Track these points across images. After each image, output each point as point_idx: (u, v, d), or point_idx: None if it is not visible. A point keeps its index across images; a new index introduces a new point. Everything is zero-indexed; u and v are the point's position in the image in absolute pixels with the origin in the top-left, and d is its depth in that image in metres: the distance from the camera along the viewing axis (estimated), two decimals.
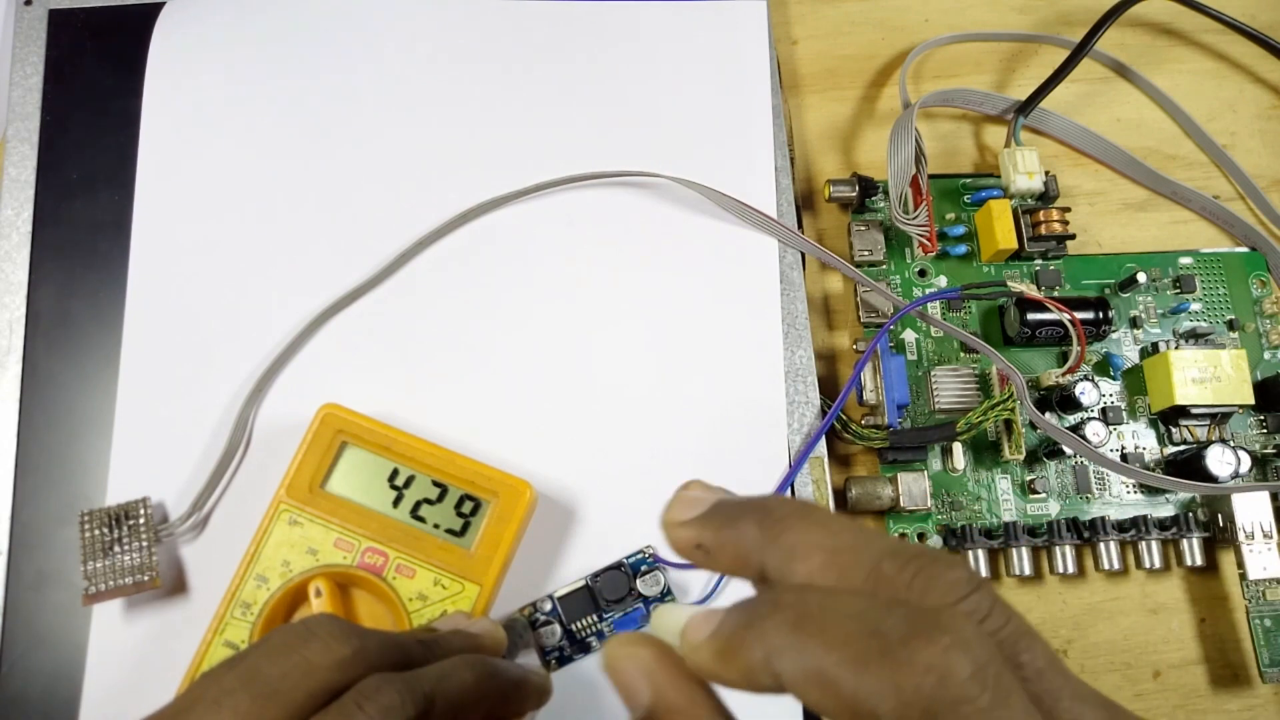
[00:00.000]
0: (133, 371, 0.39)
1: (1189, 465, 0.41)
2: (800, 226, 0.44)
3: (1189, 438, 0.42)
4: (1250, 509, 0.39)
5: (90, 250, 0.41)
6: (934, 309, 0.43)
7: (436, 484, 0.36)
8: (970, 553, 0.40)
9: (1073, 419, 0.42)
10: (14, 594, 0.36)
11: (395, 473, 0.36)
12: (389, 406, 0.38)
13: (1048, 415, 0.41)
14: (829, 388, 0.43)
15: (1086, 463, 0.42)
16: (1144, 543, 0.40)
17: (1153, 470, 0.42)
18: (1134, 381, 0.43)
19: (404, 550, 0.35)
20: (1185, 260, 0.45)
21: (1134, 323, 0.44)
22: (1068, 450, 0.41)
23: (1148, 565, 0.40)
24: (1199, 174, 0.48)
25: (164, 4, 0.44)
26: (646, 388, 0.40)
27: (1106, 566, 0.40)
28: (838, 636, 0.15)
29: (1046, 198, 0.45)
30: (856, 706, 0.15)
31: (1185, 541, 0.41)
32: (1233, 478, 0.40)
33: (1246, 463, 0.40)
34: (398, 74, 0.44)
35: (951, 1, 0.50)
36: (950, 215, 0.45)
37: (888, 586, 0.16)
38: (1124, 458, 0.42)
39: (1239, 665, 0.40)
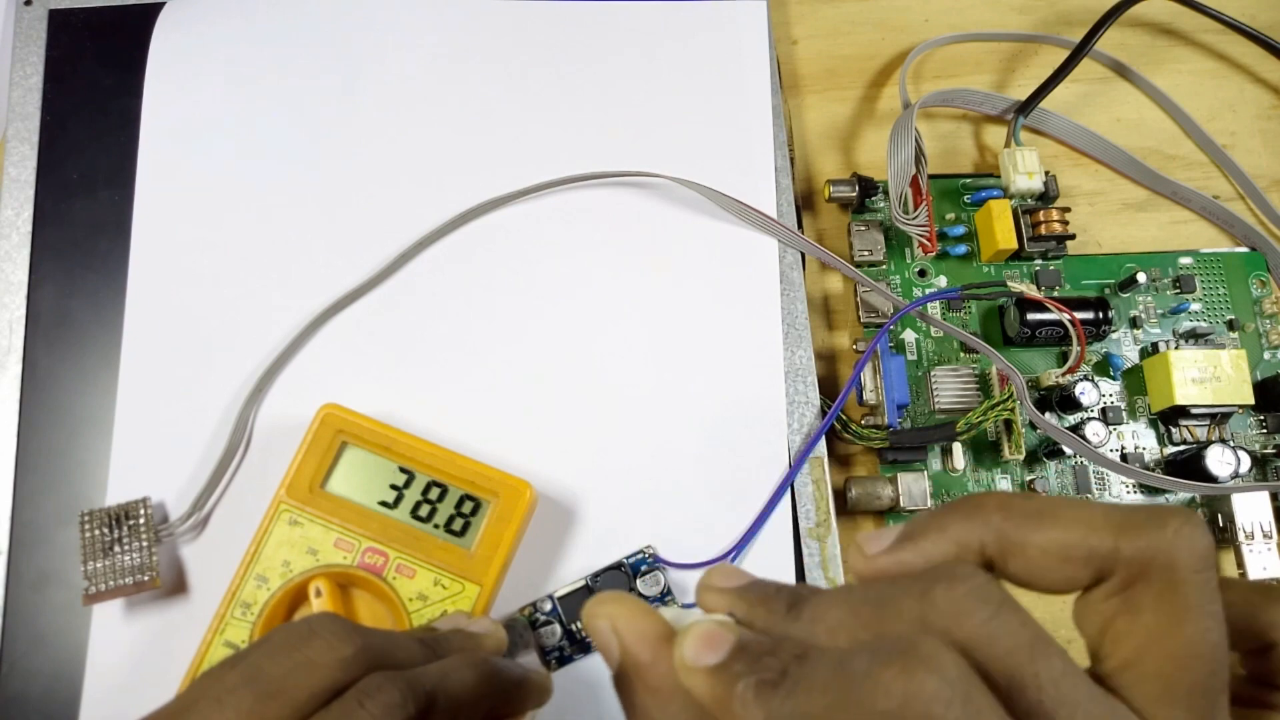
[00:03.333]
0: (133, 371, 0.39)
1: (1189, 465, 0.41)
2: (800, 226, 0.44)
3: (1189, 438, 0.42)
4: (1250, 509, 0.39)
5: (90, 250, 0.41)
6: (934, 309, 0.43)
7: (436, 484, 0.36)
8: None
9: (1073, 419, 0.42)
10: (14, 594, 0.36)
11: (395, 473, 0.36)
12: (389, 406, 0.38)
13: (1048, 415, 0.41)
14: (829, 388, 0.43)
15: (1086, 463, 0.42)
16: None
17: (1153, 470, 0.42)
18: (1134, 381, 0.43)
19: (404, 550, 0.35)
20: (1185, 260, 0.45)
21: (1134, 323, 0.44)
22: (1068, 450, 0.41)
23: None
24: (1199, 174, 0.48)
25: (164, 4, 0.45)
26: (647, 387, 0.40)
27: None
28: (815, 685, 0.16)
29: (1046, 198, 0.45)
30: None
31: None
32: (1232, 478, 0.40)
33: (1246, 463, 0.40)
34: (398, 74, 0.44)
35: (951, 1, 0.50)
36: (950, 215, 0.45)
37: (896, 608, 0.17)
38: (1124, 458, 0.42)
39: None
